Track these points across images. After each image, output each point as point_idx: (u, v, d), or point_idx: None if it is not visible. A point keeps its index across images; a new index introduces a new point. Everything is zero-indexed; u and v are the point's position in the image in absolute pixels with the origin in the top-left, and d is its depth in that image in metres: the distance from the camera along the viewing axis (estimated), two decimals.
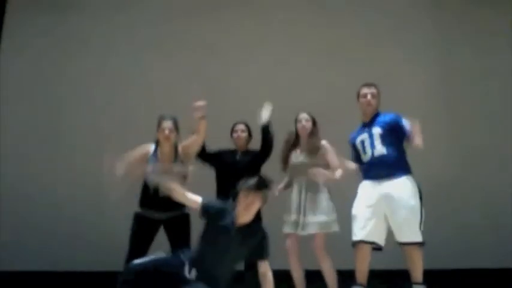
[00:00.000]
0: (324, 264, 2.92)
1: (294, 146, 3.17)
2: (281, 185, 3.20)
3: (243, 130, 3.40)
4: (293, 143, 3.18)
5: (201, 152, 3.19)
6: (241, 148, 3.37)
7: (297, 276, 3.01)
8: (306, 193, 2.98)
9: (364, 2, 4.85)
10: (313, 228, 2.91)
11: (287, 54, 4.60)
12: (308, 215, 2.93)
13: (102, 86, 4.55)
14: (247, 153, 3.35)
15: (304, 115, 3.17)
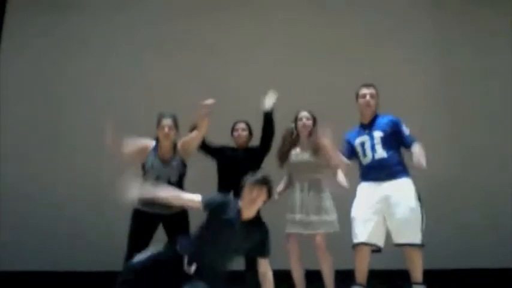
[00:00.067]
0: (325, 263, 2.91)
1: (294, 144, 3.16)
2: (281, 188, 3.18)
3: (244, 129, 3.41)
4: (292, 141, 3.17)
5: (202, 144, 3.21)
6: (241, 146, 3.38)
7: (297, 276, 3.01)
8: (309, 192, 2.98)
9: (364, 2, 4.85)
10: (316, 227, 2.90)
11: (287, 54, 4.60)
12: (311, 215, 2.93)
13: (102, 86, 4.55)
14: (247, 149, 3.37)
15: (305, 113, 3.16)
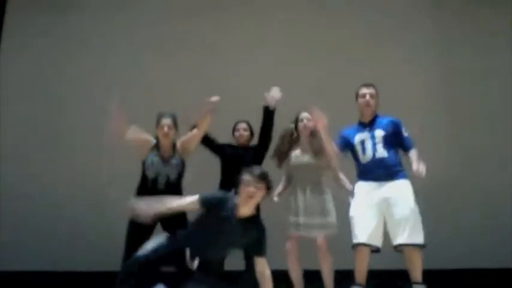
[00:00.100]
0: (325, 264, 2.90)
1: (293, 145, 3.14)
2: (280, 189, 3.16)
3: (245, 129, 3.42)
4: (292, 141, 3.16)
5: (206, 139, 3.21)
6: (242, 146, 3.39)
7: (295, 276, 2.99)
8: (311, 195, 2.96)
9: (364, 2, 4.85)
10: (320, 230, 2.88)
11: (287, 54, 4.59)
12: (314, 217, 2.90)
13: (102, 86, 4.54)
14: (249, 148, 3.38)
15: (305, 114, 3.14)
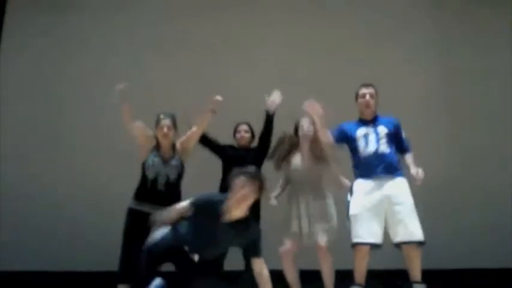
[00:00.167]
0: (325, 264, 2.88)
1: (293, 150, 3.12)
2: (277, 192, 3.14)
3: (247, 130, 3.40)
4: (292, 145, 3.13)
5: (204, 138, 3.20)
6: (243, 147, 3.38)
7: (291, 277, 2.95)
8: (313, 202, 2.93)
9: (364, 2, 4.85)
10: (321, 234, 2.85)
11: (287, 54, 4.60)
12: (317, 224, 2.87)
13: (102, 86, 4.52)
14: (250, 149, 3.36)
15: (306, 120, 3.09)
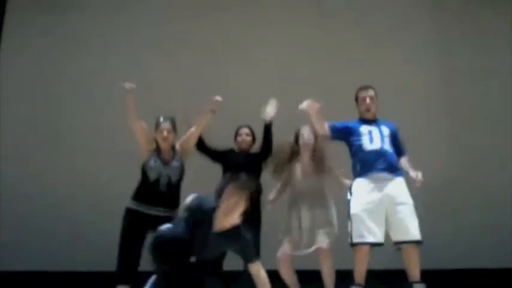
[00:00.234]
0: (325, 264, 2.85)
1: (293, 158, 3.08)
2: (273, 196, 3.10)
3: (248, 134, 3.37)
4: (292, 155, 3.09)
5: (200, 144, 3.19)
6: (244, 151, 3.34)
7: (288, 278, 2.92)
8: (316, 212, 2.90)
9: (364, 2, 4.85)
10: (322, 238, 2.82)
11: (287, 54, 4.60)
12: (319, 229, 2.84)
13: (102, 86, 4.54)
14: (249, 154, 3.33)
15: (306, 129, 3.06)
